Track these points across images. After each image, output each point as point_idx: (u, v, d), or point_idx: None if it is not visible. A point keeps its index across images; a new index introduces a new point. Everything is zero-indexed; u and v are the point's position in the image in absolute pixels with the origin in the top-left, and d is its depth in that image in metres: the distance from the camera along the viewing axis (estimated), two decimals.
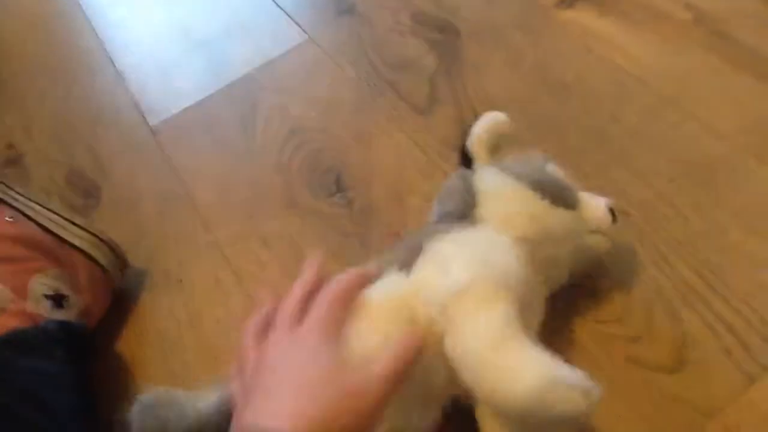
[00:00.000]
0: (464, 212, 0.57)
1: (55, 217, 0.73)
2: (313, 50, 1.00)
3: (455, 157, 0.65)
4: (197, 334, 0.74)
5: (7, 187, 0.73)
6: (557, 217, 0.57)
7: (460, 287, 0.48)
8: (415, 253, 0.53)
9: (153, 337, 0.75)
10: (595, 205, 0.61)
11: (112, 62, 1.10)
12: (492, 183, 0.58)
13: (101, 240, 0.74)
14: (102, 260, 0.73)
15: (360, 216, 0.79)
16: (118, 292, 0.77)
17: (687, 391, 0.58)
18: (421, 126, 0.86)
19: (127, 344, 0.75)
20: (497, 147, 0.63)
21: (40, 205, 0.74)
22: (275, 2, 1.10)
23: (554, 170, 0.61)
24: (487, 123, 0.62)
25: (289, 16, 1.08)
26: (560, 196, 0.58)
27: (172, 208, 0.86)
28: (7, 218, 0.69)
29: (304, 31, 1.04)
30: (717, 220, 0.69)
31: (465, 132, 0.63)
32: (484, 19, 0.98)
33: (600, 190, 0.71)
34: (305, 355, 0.47)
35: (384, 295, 0.51)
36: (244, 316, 0.55)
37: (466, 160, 0.63)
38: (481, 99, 0.87)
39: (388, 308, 0.50)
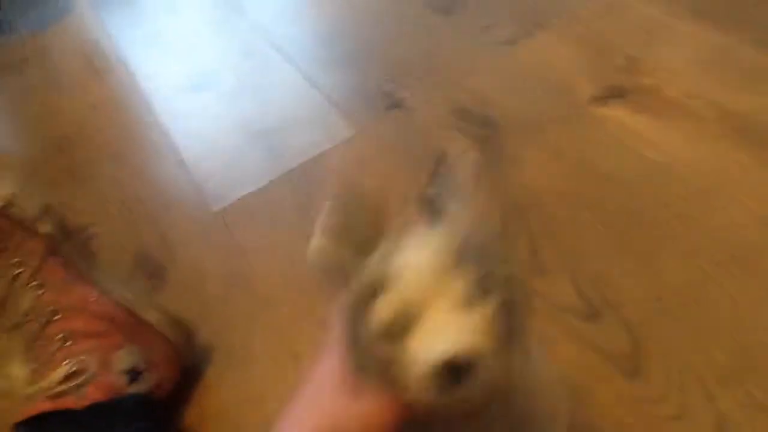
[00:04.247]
0: None
1: (132, 297, 0.80)
2: (362, 143, 1.09)
3: None
4: (257, 411, 0.78)
5: (91, 267, 0.80)
6: None
7: None
8: None
9: (216, 412, 0.80)
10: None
11: (176, 151, 1.19)
12: None
13: (174, 320, 0.80)
14: (174, 339, 0.79)
15: None
16: (187, 369, 0.83)
17: None
18: None
19: (192, 418, 0.79)
20: None
21: (118, 285, 0.81)
22: (328, 99, 1.20)
23: None
24: None
25: (341, 110, 1.16)
26: None
27: (235, 289, 0.92)
28: (92, 297, 0.76)
29: (354, 124, 1.13)
30: (760, 304, 0.73)
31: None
32: (524, 114, 1.05)
33: (639, 274, 0.76)
34: (326, 371, 0.48)
35: None
36: None
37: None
38: (525, 189, 0.93)
39: None
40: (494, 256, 0.43)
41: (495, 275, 0.42)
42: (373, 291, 0.41)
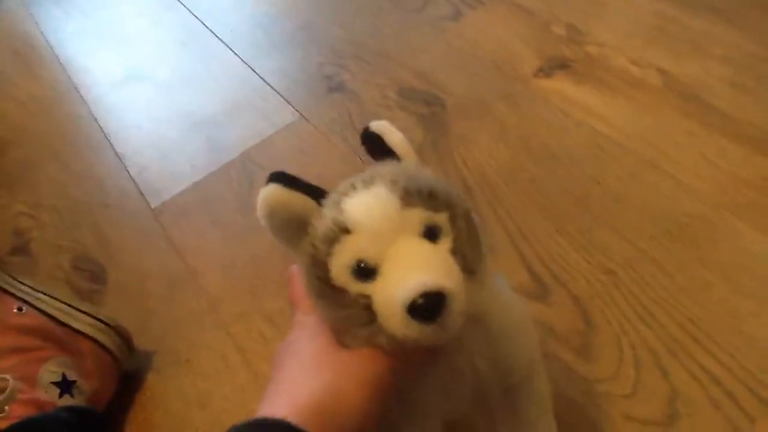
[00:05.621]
0: None
1: (61, 305, 0.76)
2: (305, 127, 1.05)
3: None
4: (206, 413, 0.75)
5: (13, 278, 0.76)
6: None
7: None
8: None
9: (162, 418, 0.76)
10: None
11: (112, 146, 1.14)
12: None
13: (108, 325, 0.76)
14: (109, 345, 0.75)
15: None
16: (126, 375, 0.79)
17: None
18: None
19: (136, 426, 0.76)
20: None
21: (46, 294, 0.76)
22: (268, 83, 1.16)
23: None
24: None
25: (281, 96, 1.13)
26: None
27: (178, 289, 0.88)
28: (14, 310, 0.71)
29: (296, 109, 1.09)
30: (699, 275, 0.72)
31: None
32: (469, 91, 1.02)
33: (585, 251, 0.75)
34: (306, 336, 0.46)
35: None
36: (250, 392, 0.57)
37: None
38: (470, 168, 0.91)
39: None
40: (445, 192, 0.43)
41: (451, 208, 0.42)
42: (331, 237, 0.41)
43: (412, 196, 0.41)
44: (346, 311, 0.41)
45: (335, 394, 0.41)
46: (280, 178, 0.43)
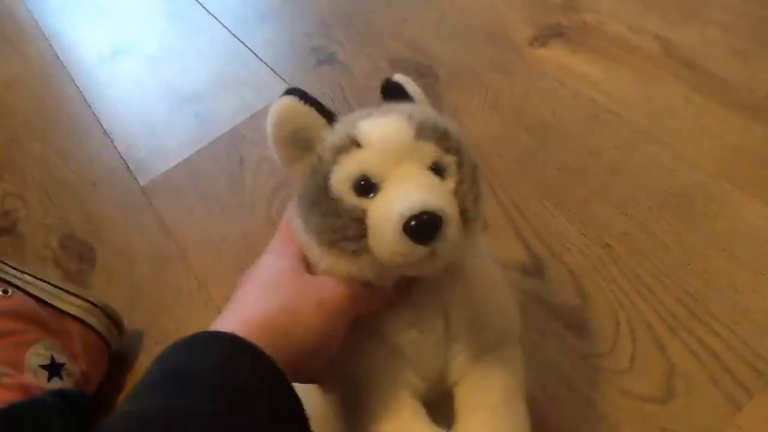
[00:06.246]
0: None
1: (48, 287, 0.74)
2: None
3: None
4: None
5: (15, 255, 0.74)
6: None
7: None
8: None
9: None
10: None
11: (100, 123, 1.12)
12: None
13: (95, 306, 0.75)
14: (97, 326, 0.74)
15: None
16: (117, 356, 0.78)
17: (678, 420, 0.59)
18: None
19: None
20: None
21: (32, 276, 0.75)
22: (257, 56, 1.13)
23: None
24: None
25: (271, 68, 1.10)
26: None
27: (166, 268, 0.87)
28: None
29: (285, 82, 1.06)
30: (697, 248, 0.70)
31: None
32: (461, 61, 1.00)
33: (581, 224, 0.73)
34: (271, 260, 0.46)
35: None
36: None
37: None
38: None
39: None
40: (457, 138, 0.44)
41: (460, 154, 0.43)
42: (339, 147, 0.41)
43: (427, 131, 0.42)
44: (338, 221, 0.41)
45: (290, 312, 0.40)
46: (296, 92, 0.43)
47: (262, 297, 0.42)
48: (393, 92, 0.49)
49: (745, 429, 0.57)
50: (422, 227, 0.37)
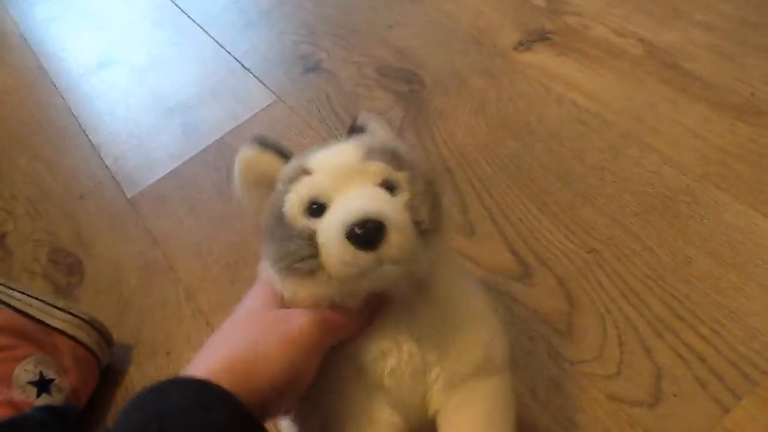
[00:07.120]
0: None
1: (36, 302, 0.74)
2: (283, 110, 1.03)
3: None
4: None
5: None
6: None
7: None
8: None
9: None
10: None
11: (87, 135, 1.12)
12: None
13: (84, 321, 0.75)
14: (87, 341, 0.74)
15: None
16: (106, 369, 0.78)
17: (666, 424, 0.59)
18: None
19: None
20: None
21: (21, 292, 0.75)
22: (243, 65, 1.13)
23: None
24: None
25: (257, 77, 1.10)
26: None
27: (155, 279, 0.87)
28: None
29: (272, 92, 1.06)
30: (683, 251, 0.71)
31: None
32: (447, 67, 1.00)
33: (567, 229, 0.74)
34: (246, 301, 0.47)
35: None
36: None
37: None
38: (450, 147, 0.89)
39: None
40: (408, 156, 0.45)
41: (412, 170, 0.44)
42: (291, 177, 0.43)
43: (375, 151, 0.43)
44: (291, 244, 0.42)
45: (253, 349, 0.40)
46: (257, 140, 0.46)
47: (228, 337, 0.43)
48: (358, 133, 0.50)
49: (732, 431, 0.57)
50: (364, 233, 0.38)
